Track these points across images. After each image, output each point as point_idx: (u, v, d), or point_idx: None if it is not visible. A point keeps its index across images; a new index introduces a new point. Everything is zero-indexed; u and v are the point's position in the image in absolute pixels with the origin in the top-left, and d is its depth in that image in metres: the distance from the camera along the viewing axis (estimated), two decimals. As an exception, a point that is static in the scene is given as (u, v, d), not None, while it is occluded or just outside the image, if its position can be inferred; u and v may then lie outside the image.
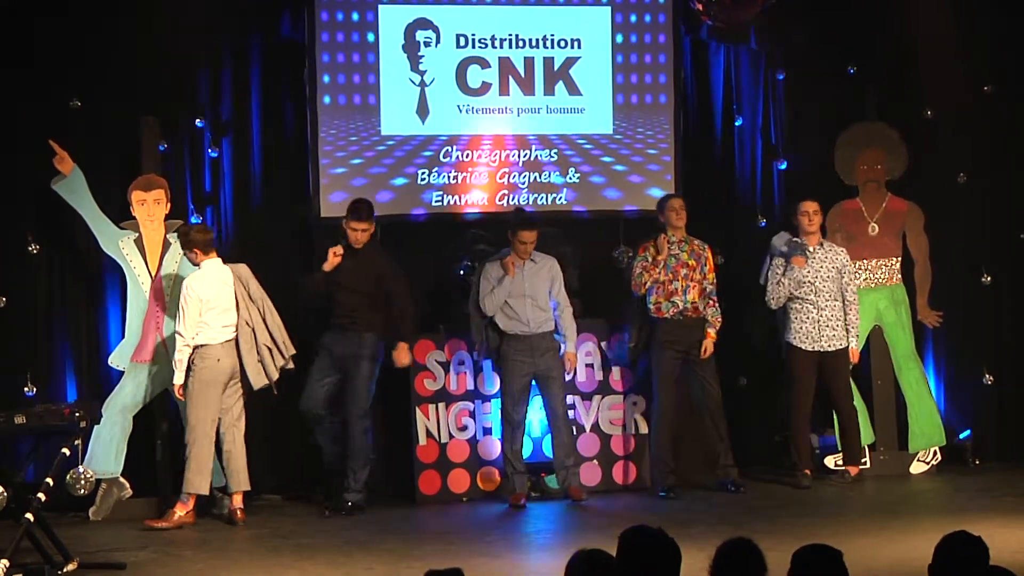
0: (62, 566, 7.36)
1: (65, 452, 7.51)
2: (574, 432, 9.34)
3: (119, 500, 8.93)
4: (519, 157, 9.85)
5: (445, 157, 9.74)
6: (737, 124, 10.29)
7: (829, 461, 9.80)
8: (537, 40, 9.86)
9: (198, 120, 9.36)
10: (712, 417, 9.32)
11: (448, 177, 9.74)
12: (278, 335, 8.78)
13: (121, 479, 8.93)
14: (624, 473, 9.56)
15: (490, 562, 7.39)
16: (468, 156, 9.78)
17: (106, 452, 8.85)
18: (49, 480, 7.42)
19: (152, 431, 9.03)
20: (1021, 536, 7.42)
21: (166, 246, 9.00)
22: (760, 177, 10.34)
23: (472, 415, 9.37)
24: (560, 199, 9.92)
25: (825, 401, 9.62)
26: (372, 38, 9.62)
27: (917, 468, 10.03)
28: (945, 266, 10.25)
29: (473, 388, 9.38)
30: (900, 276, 10.15)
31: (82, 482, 8.70)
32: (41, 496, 7.36)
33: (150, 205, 9.04)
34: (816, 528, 7.81)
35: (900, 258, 10.16)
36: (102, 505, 8.89)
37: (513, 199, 9.77)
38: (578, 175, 9.93)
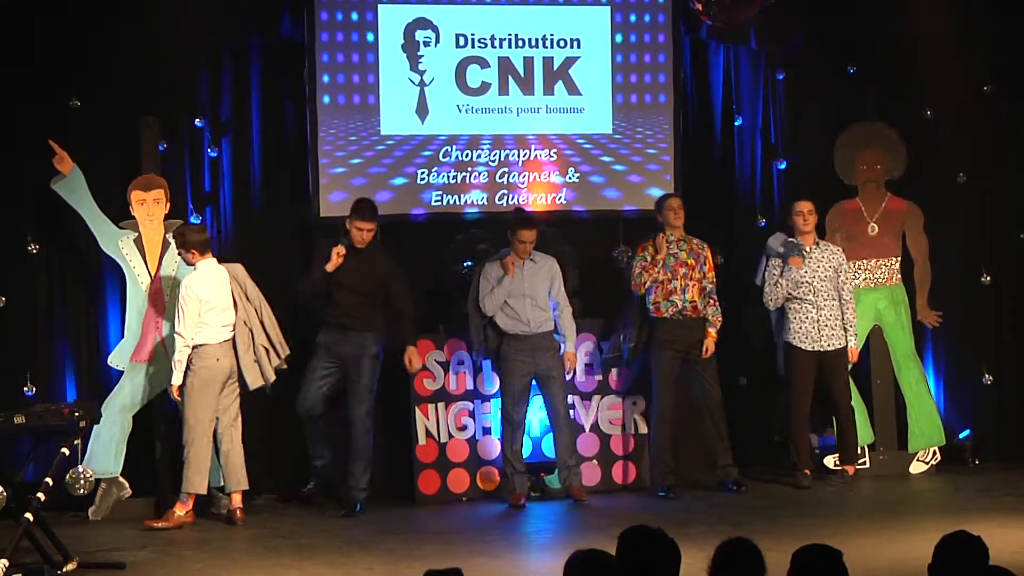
0: (61, 566, 7.35)
1: (64, 452, 7.52)
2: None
3: (118, 500, 8.93)
4: (519, 157, 9.85)
5: (445, 157, 9.74)
6: (737, 124, 10.29)
7: (829, 461, 9.79)
8: (537, 40, 9.86)
9: (198, 120, 9.36)
10: (712, 417, 9.32)
11: (448, 177, 9.74)
12: (274, 335, 8.78)
13: (120, 479, 8.93)
14: (624, 473, 9.56)
15: (490, 562, 7.39)
16: (468, 156, 9.78)
17: (105, 452, 8.85)
18: (49, 480, 7.43)
19: (151, 431, 9.02)
20: (1021, 536, 7.42)
21: (165, 246, 8.99)
22: (760, 177, 10.33)
23: (472, 415, 9.37)
24: (559, 199, 9.92)
25: (824, 401, 9.62)
26: (372, 38, 9.62)
27: (917, 468, 10.03)
28: (945, 266, 10.25)
29: (473, 388, 9.38)
30: (900, 276, 10.15)
31: (81, 482, 8.70)
32: (41, 496, 7.36)
33: (150, 205, 9.04)
34: (816, 528, 7.81)
35: (900, 258, 10.16)
36: (101, 505, 8.89)
37: (513, 199, 9.77)
38: (577, 175, 9.93)
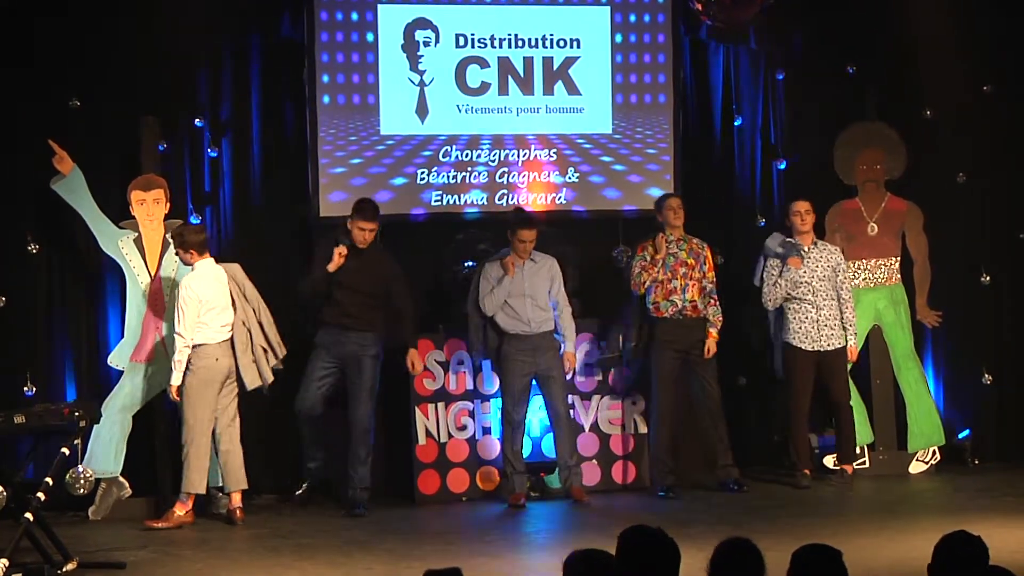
0: (61, 565, 7.35)
1: (64, 452, 7.51)
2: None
3: (118, 499, 8.93)
4: (518, 157, 9.85)
5: (444, 157, 9.74)
6: (737, 124, 10.29)
7: (828, 461, 9.79)
8: (536, 40, 9.86)
9: (198, 120, 9.36)
10: (711, 417, 9.32)
11: (447, 177, 9.74)
12: (272, 336, 8.78)
13: (120, 479, 8.93)
14: (623, 473, 9.56)
15: (490, 562, 7.39)
16: (467, 156, 9.78)
17: (105, 452, 8.85)
18: (49, 480, 7.42)
19: (151, 431, 9.02)
20: (1021, 536, 7.41)
21: (165, 246, 8.98)
22: (759, 177, 10.33)
23: (471, 415, 9.37)
24: (559, 199, 9.92)
25: (824, 401, 9.62)
26: (371, 38, 9.62)
27: (916, 468, 10.03)
28: (945, 266, 10.25)
29: (472, 388, 9.38)
30: (899, 276, 10.15)
31: (81, 481, 8.70)
32: (41, 495, 7.35)
33: (149, 205, 9.04)
34: (816, 528, 7.81)
35: (899, 258, 10.16)
36: (101, 504, 8.89)
37: (512, 199, 9.77)
38: (577, 175, 9.93)
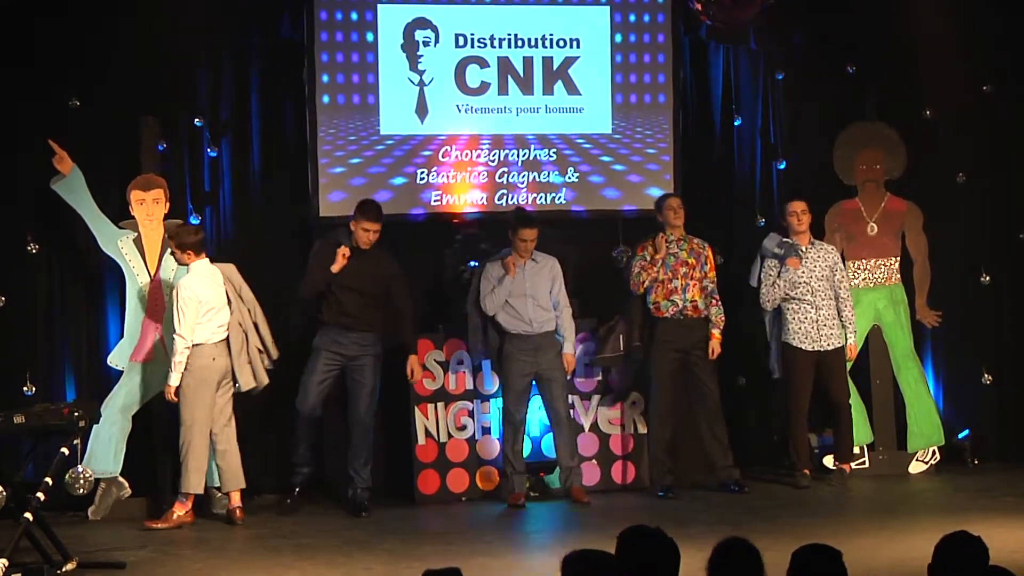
0: (61, 565, 7.35)
1: (64, 451, 7.51)
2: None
3: (118, 499, 8.93)
4: (518, 157, 9.85)
5: (444, 156, 9.74)
6: (736, 124, 10.29)
7: (828, 461, 9.79)
8: (536, 40, 9.86)
9: (197, 120, 9.36)
10: (710, 418, 9.31)
11: (447, 177, 9.73)
12: (267, 337, 8.78)
13: (120, 478, 8.93)
14: (623, 473, 9.56)
15: (489, 562, 7.39)
16: (467, 156, 9.78)
17: (105, 451, 8.85)
18: (48, 479, 7.42)
19: (151, 431, 9.02)
20: (1020, 536, 7.42)
21: (165, 246, 8.97)
22: (759, 177, 10.34)
23: (471, 415, 9.36)
24: (559, 199, 9.92)
25: (823, 401, 9.62)
26: (371, 38, 9.62)
27: (916, 468, 10.03)
28: (945, 266, 10.25)
29: (472, 388, 9.37)
30: (899, 276, 10.15)
31: (81, 481, 8.70)
32: (40, 495, 7.35)
33: (149, 205, 9.03)
34: (816, 528, 7.82)
35: (899, 258, 10.16)
36: (101, 504, 8.89)
37: (512, 199, 9.77)
38: (577, 175, 9.93)
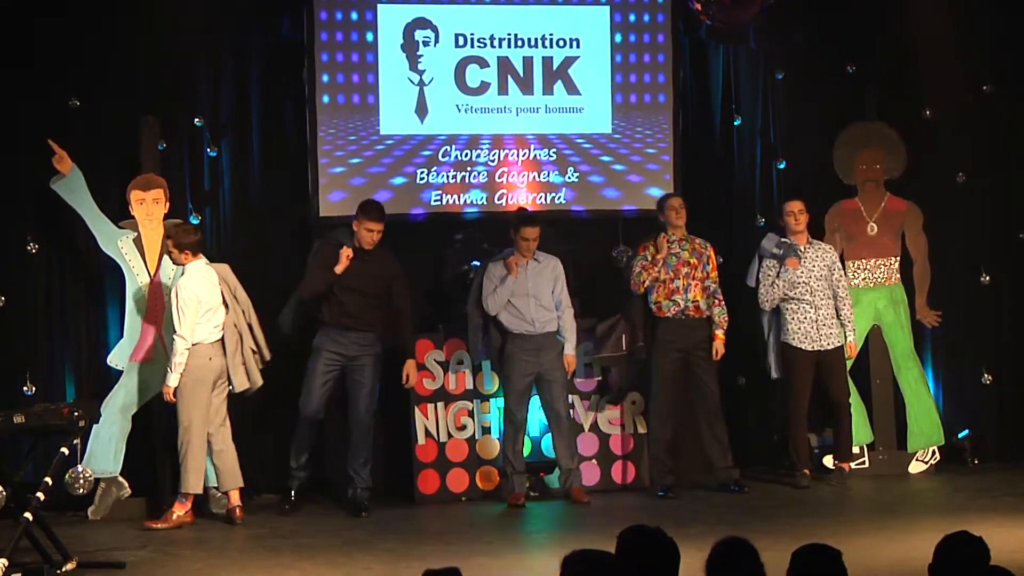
0: (61, 565, 7.34)
1: (64, 451, 7.50)
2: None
3: (118, 499, 8.93)
4: (518, 156, 9.85)
5: (444, 156, 9.74)
6: (736, 124, 10.29)
7: (828, 461, 9.79)
8: (536, 40, 9.86)
9: (197, 120, 9.36)
10: (710, 418, 9.31)
11: (447, 177, 9.74)
12: (260, 338, 8.78)
13: (120, 478, 8.93)
14: (623, 473, 9.55)
15: (489, 562, 7.38)
16: (467, 155, 9.78)
17: (105, 451, 8.85)
18: (48, 479, 7.41)
19: (151, 431, 9.02)
20: (1020, 536, 7.42)
21: (165, 246, 8.98)
22: (759, 177, 10.34)
23: (471, 414, 9.36)
24: (559, 199, 9.92)
25: (823, 401, 9.62)
26: (371, 37, 9.62)
27: (916, 468, 10.03)
28: (944, 266, 10.25)
29: (472, 387, 9.37)
30: (899, 276, 10.15)
31: (81, 481, 8.70)
32: (40, 495, 7.34)
33: (149, 204, 9.04)
34: (816, 528, 7.81)
35: (899, 258, 10.16)
36: (101, 504, 8.89)
37: (512, 199, 9.77)
38: (577, 174, 9.93)
